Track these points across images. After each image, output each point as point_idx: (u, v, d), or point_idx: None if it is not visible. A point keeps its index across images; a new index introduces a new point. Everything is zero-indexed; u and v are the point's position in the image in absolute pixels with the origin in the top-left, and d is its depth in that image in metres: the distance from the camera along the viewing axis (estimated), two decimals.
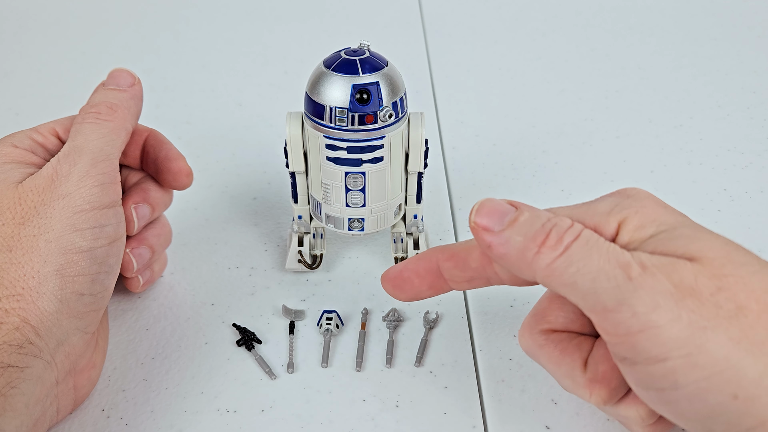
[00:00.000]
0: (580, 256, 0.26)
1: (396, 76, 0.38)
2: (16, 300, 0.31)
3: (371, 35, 0.73)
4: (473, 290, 0.43)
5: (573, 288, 0.26)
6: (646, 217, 0.28)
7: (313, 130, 0.39)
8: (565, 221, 0.28)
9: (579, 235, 0.27)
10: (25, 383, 0.30)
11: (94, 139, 0.35)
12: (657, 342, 0.25)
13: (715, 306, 0.24)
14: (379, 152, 0.39)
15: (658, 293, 0.25)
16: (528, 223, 0.28)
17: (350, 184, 0.40)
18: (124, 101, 0.37)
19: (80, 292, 0.33)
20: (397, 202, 0.42)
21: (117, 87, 0.37)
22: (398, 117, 0.38)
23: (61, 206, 0.32)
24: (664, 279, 0.25)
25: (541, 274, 0.27)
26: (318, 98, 0.37)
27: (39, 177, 0.33)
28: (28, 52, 0.72)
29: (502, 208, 0.29)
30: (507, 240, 0.28)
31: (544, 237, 0.27)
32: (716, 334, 0.24)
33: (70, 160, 0.34)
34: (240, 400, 0.37)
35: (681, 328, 0.24)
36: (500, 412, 0.36)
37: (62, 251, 0.32)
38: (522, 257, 0.28)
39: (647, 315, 0.25)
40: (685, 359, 0.24)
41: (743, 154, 0.56)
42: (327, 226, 0.43)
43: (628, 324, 0.25)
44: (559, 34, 0.75)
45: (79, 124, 0.35)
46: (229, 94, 0.65)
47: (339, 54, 0.38)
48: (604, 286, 0.26)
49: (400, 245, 0.44)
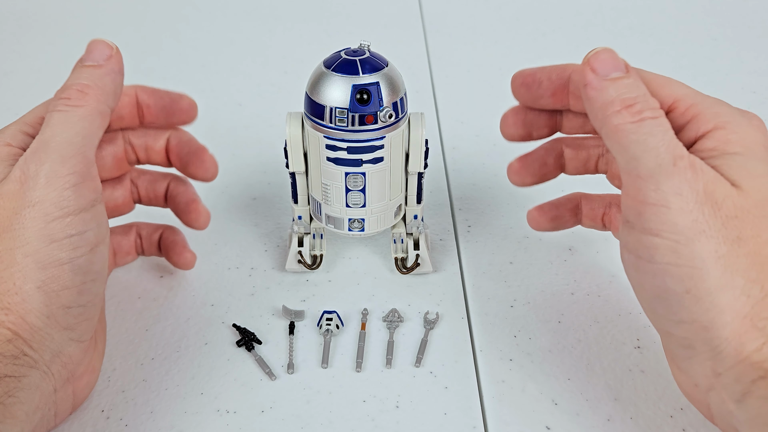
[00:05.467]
0: (647, 129, 0.29)
1: (396, 77, 0.38)
2: (5, 314, 0.29)
3: (371, 35, 0.73)
4: (472, 290, 0.43)
5: (625, 149, 0.30)
6: (738, 141, 0.30)
7: (313, 131, 0.39)
8: (654, 102, 0.30)
9: (657, 117, 0.30)
10: (23, 392, 0.29)
11: (62, 131, 0.31)
12: (660, 219, 0.29)
13: (724, 225, 0.28)
14: (379, 152, 0.39)
15: (687, 186, 0.28)
16: (627, 87, 0.30)
17: (350, 185, 0.40)
18: (97, 79, 0.32)
19: (67, 306, 0.30)
20: (397, 202, 0.42)
21: (93, 62, 0.33)
22: (398, 117, 0.38)
23: (33, 216, 0.29)
24: (700, 181, 0.28)
25: (608, 127, 0.30)
26: (318, 98, 0.37)
27: (9, 181, 0.30)
28: (28, 52, 0.72)
29: (617, 63, 0.31)
30: (603, 88, 0.31)
31: (631, 103, 0.30)
32: (708, 240, 0.28)
33: (37, 158, 0.30)
34: (240, 400, 0.37)
35: (684, 218, 0.28)
36: (500, 412, 0.36)
37: (41, 266, 0.29)
38: (604, 108, 0.30)
39: (666, 195, 0.28)
40: (671, 243, 0.28)
41: None
42: (327, 226, 0.43)
43: (648, 194, 0.29)
44: (559, 34, 0.75)
45: (49, 113, 0.32)
46: (229, 94, 0.65)
47: (339, 54, 0.38)
48: (649, 158, 0.29)
49: (400, 245, 0.44)
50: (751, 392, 0.28)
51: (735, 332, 0.28)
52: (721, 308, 0.28)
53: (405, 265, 0.44)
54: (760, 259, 0.28)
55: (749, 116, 0.32)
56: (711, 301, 0.28)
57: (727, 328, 0.28)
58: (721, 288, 0.28)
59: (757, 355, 0.28)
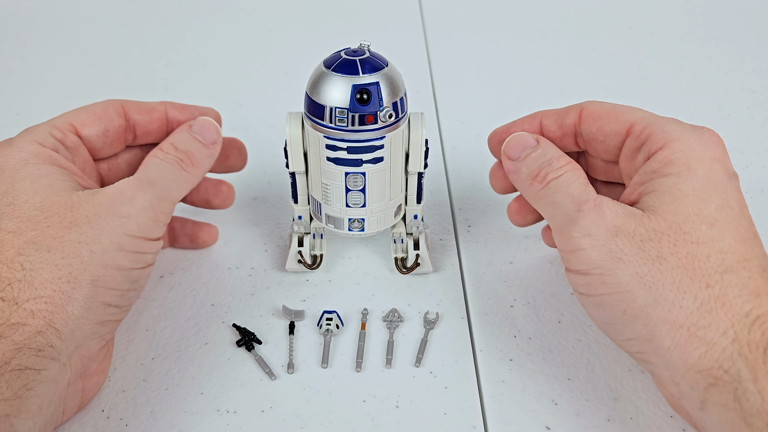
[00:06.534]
0: (553, 190, 0.35)
1: (396, 77, 0.38)
2: (44, 302, 0.31)
3: (371, 35, 0.73)
4: (472, 290, 0.43)
5: (542, 211, 0.36)
6: (679, 160, 0.33)
7: (313, 131, 0.38)
8: (559, 162, 0.35)
9: (560, 176, 0.35)
10: (41, 385, 0.30)
11: (168, 180, 0.36)
12: (581, 260, 0.33)
13: (640, 248, 0.32)
14: (379, 152, 0.39)
15: (594, 225, 0.32)
16: (534, 159, 0.36)
17: (350, 185, 0.40)
18: (203, 158, 0.38)
19: (108, 303, 0.34)
20: (397, 202, 0.42)
21: (202, 140, 0.38)
22: (398, 117, 0.38)
23: (116, 224, 0.34)
24: (608, 218, 0.32)
25: (528, 198, 0.37)
26: (318, 98, 0.37)
27: (101, 193, 0.35)
28: (28, 52, 0.72)
29: (525, 143, 0.37)
30: (518, 170, 0.37)
31: (537, 173, 0.36)
32: (627, 266, 0.31)
33: (140, 187, 0.35)
34: (240, 400, 0.37)
35: (599, 254, 0.32)
36: (500, 412, 0.36)
37: (103, 264, 0.33)
38: (522, 184, 0.37)
39: (578, 239, 0.33)
40: (597, 277, 0.32)
41: (743, 154, 0.56)
42: (327, 226, 0.43)
43: (565, 243, 0.34)
44: (559, 34, 0.75)
45: (159, 160, 0.37)
46: (229, 94, 0.65)
47: (339, 54, 0.38)
48: (559, 214, 0.34)
49: (400, 245, 0.44)
50: (707, 400, 0.30)
51: (676, 342, 0.30)
52: (655, 321, 0.31)
53: (405, 264, 0.44)
54: (688, 272, 0.31)
55: (700, 132, 0.34)
56: (646, 316, 0.31)
57: (666, 338, 0.31)
58: (652, 303, 0.31)
59: (703, 362, 0.30)
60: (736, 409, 0.29)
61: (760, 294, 0.30)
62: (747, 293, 0.30)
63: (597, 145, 0.38)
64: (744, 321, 0.30)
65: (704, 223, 0.32)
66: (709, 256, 0.31)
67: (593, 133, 0.37)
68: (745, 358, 0.29)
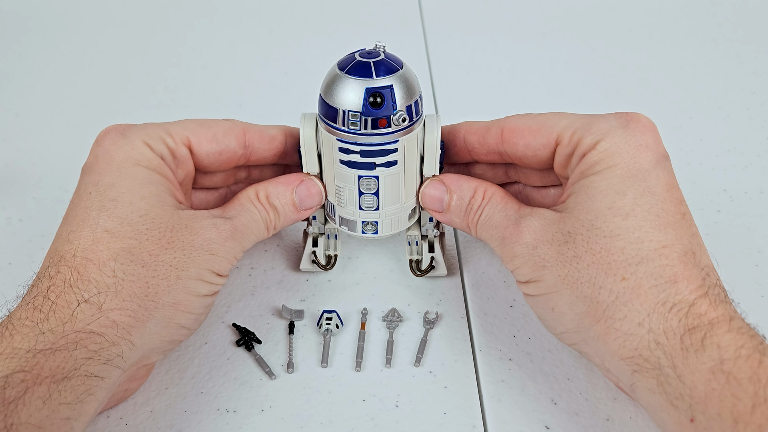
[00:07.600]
0: (482, 228, 0.38)
1: (411, 79, 0.37)
2: (127, 315, 0.32)
3: (371, 36, 0.73)
4: (472, 290, 0.43)
5: (485, 241, 0.38)
6: (603, 159, 0.35)
7: (326, 133, 0.37)
8: (476, 200, 0.38)
9: (480, 215, 0.38)
10: (102, 390, 0.31)
11: (253, 236, 0.38)
12: (519, 275, 0.36)
13: (559, 252, 0.34)
14: (392, 156, 0.38)
15: (517, 245, 0.35)
16: (457, 209, 0.39)
17: (363, 188, 0.39)
18: (287, 222, 0.40)
19: (182, 325, 0.35)
20: (411, 205, 0.41)
21: (299, 205, 0.40)
22: (413, 121, 0.37)
23: (204, 258, 0.35)
24: (527, 235, 0.35)
25: (473, 233, 0.39)
26: (331, 101, 0.36)
27: (199, 224, 0.36)
28: (28, 52, 0.72)
29: (438, 195, 0.39)
30: (451, 221, 0.40)
31: (466, 221, 0.39)
32: (551, 270, 0.34)
33: (234, 236, 0.36)
34: (239, 400, 0.37)
35: (527, 266, 0.35)
36: (500, 412, 0.36)
37: (186, 291, 0.34)
38: (462, 227, 0.40)
39: (511, 260, 0.36)
40: (534, 284, 0.35)
41: (743, 154, 0.56)
42: (341, 228, 0.42)
43: (506, 264, 0.37)
44: (559, 34, 0.75)
45: (255, 214, 0.38)
46: (229, 94, 0.65)
47: (353, 56, 0.36)
48: (493, 244, 0.38)
49: (414, 248, 0.44)
50: (635, 384, 0.31)
51: (599, 334, 0.32)
52: (580, 316, 0.33)
53: (419, 267, 0.44)
54: (603, 267, 0.32)
55: (626, 122, 0.35)
56: (570, 311, 0.33)
57: (590, 330, 0.33)
58: (574, 300, 0.33)
59: (623, 351, 0.31)
60: (661, 393, 0.30)
61: (677, 281, 0.31)
62: (663, 281, 0.31)
63: (528, 160, 0.39)
64: (660, 310, 0.31)
65: (618, 215, 0.33)
66: (623, 248, 0.32)
67: (521, 150, 0.38)
68: (663, 346, 0.30)
